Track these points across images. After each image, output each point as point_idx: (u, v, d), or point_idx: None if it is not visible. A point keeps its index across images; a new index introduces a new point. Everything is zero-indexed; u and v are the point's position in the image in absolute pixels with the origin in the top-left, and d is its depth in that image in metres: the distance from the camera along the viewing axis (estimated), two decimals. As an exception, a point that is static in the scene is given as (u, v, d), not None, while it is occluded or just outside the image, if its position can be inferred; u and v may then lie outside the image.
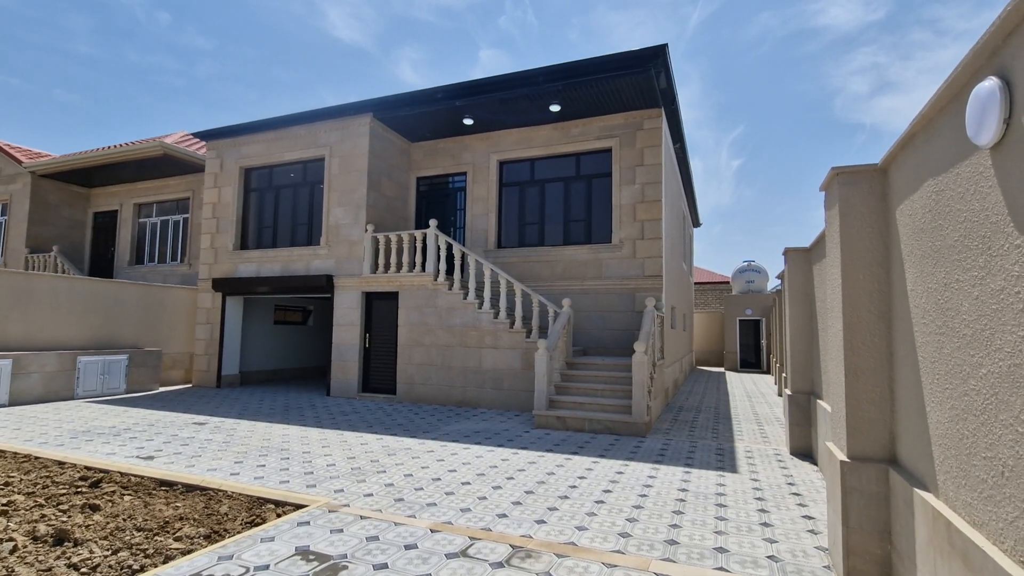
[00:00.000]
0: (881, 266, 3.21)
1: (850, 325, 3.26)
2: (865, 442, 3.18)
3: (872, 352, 3.20)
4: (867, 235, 3.25)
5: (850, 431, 3.21)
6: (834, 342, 3.51)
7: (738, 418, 9.29)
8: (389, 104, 11.20)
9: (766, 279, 22.02)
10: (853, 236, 3.29)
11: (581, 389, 8.56)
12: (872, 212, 3.26)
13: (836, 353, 3.45)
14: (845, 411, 3.24)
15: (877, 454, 3.16)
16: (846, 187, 3.33)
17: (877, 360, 3.19)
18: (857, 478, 3.14)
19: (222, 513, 4.38)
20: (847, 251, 3.29)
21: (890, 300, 3.16)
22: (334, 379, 11.22)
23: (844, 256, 3.30)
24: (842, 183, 3.34)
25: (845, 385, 3.25)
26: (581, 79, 9.65)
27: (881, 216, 3.24)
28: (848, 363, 3.24)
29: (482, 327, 10.03)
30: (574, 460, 6.08)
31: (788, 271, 6.73)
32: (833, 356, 3.54)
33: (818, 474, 5.64)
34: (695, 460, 6.17)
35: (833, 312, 3.54)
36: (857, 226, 3.28)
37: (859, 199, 3.29)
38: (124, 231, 17.02)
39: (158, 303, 12.59)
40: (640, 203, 10.72)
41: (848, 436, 3.21)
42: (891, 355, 3.15)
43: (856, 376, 3.22)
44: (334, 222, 11.60)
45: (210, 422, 8.11)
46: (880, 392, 3.17)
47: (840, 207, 3.34)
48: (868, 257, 3.25)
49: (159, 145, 13.86)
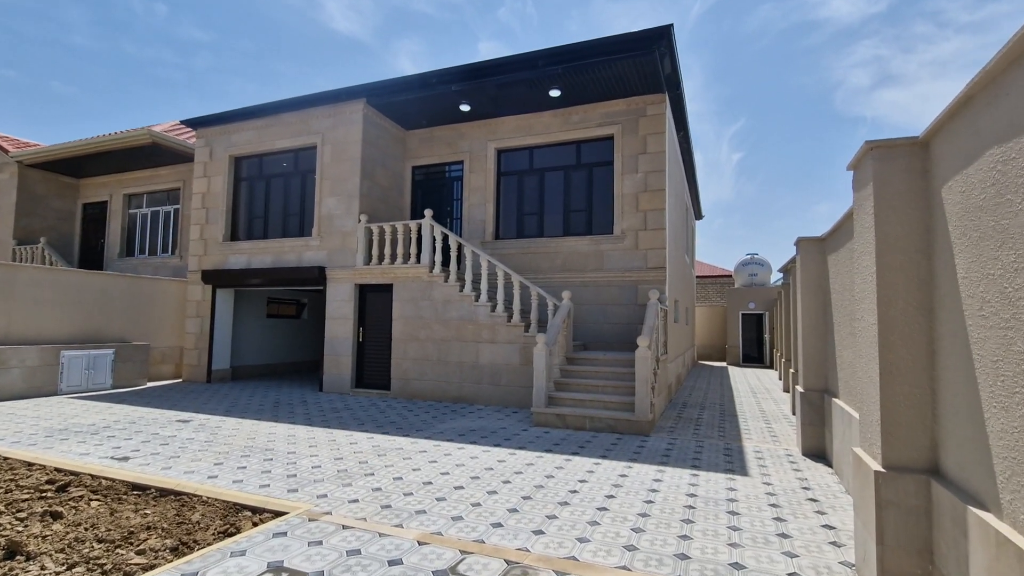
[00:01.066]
0: (921, 252, 2.85)
1: (886, 319, 2.90)
2: (903, 450, 2.83)
3: (911, 349, 2.85)
4: (906, 217, 2.89)
5: (885, 437, 2.86)
6: (865, 338, 3.16)
7: (744, 415, 8.96)
8: (383, 89, 10.79)
9: (769, 272, 21.66)
10: (890, 219, 2.93)
11: (582, 385, 8.22)
12: (911, 191, 2.89)
13: (868, 350, 3.10)
14: (880, 415, 2.89)
15: (916, 463, 2.81)
16: (882, 163, 2.97)
17: (916, 358, 2.83)
18: (894, 490, 2.80)
19: (194, 522, 4.04)
20: (883, 236, 2.93)
21: (932, 290, 2.81)
22: (327, 374, 10.88)
23: (879, 242, 2.94)
24: (877, 159, 2.98)
25: (880, 386, 2.90)
26: (582, 62, 9.25)
27: (921, 196, 2.87)
28: (883, 361, 2.89)
29: (479, 321, 9.67)
30: (574, 461, 5.74)
31: (801, 262, 6.37)
32: (864, 353, 3.19)
33: (833, 477, 5.31)
34: (702, 461, 5.84)
35: (864, 304, 3.18)
36: (894, 207, 2.92)
37: (897, 177, 2.93)
38: (114, 222, 16.62)
39: (146, 296, 12.23)
40: (643, 192, 10.34)
41: (883, 443, 2.87)
42: (933, 352, 2.80)
43: (892, 376, 2.87)
44: (326, 212, 11.22)
45: (195, 419, 7.77)
46: (920, 394, 2.82)
47: (875, 187, 2.98)
48: (907, 242, 2.89)
49: (147, 133, 13.44)
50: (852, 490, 3.38)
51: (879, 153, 2.97)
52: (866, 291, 3.14)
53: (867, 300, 3.12)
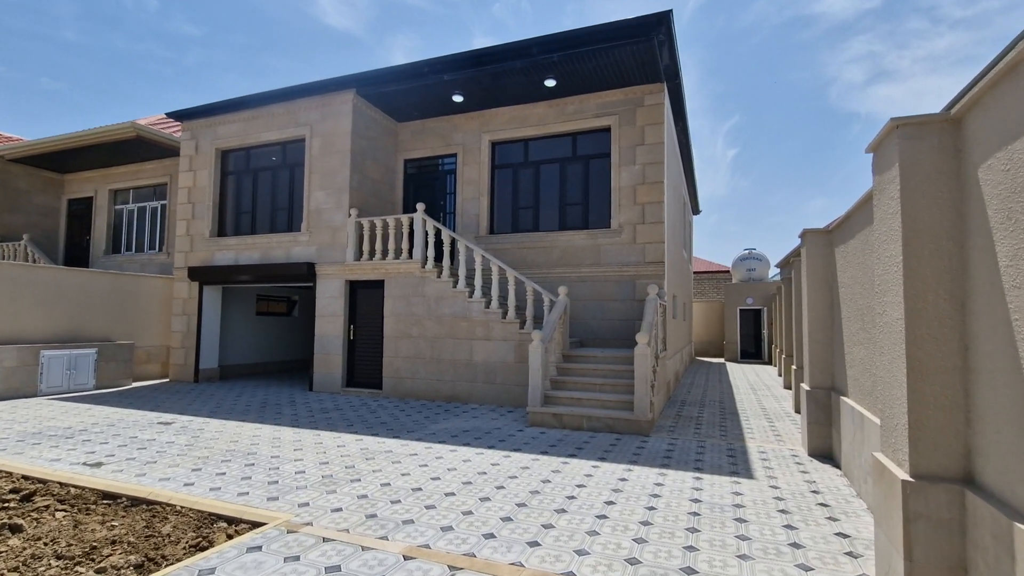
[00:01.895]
0: (953, 239, 2.59)
1: (913, 313, 2.65)
2: (933, 457, 2.58)
3: (942, 346, 2.59)
4: (936, 201, 2.63)
5: (914, 443, 2.61)
6: (888, 334, 2.90)
7: (745, 413, 8.72)
8: (373, 79, 10.47)
9: (767, 267, 21.46)
10: (918, 203, 2.66)
11: (579, 384, 7.96)
12: (942, 173, 2.63)
13: (892, 347, 2.84)
14: (907, 418, 2.63)
15: (949, 472, 2.56)
16: (910, 143, 2.70)
17: (948, 355, 2.58)
18: (924, 502, 2.54)
19: (164, 534, 3.76)
20: (910, 222, 2.67)
21: (965, 281, 2.55)
22: (317, 373, 10.59)
23: (907, 228, 2.68)
24: (904, 138, 2.71)
25: (907, 386, 2.64)
26: (578, 50, 8.95)
27: (954, 177, 2.61)
28: (911, 360, 2.63)
29: (473, 317, 9.39)
30: (572, 464, 5.48)
31: (807, 256, 6.12)
32: (887, 350, 2.93)
33: (843, 479, 5.07)
34: (705, 463, 5.59)
35: (888, 297, 2.92)
36: (923, 191, 2.66)
37: (926, 157, 2.66)
38: (100, 218, 16.22)
39: (131, 293, 11.89)
40: (641, 185, 10.07)
41: (911, 449, 2.61)
42: (966, 349, 2.54)
43: (921, 375, 2.62)
44: (315, 206, 10.90)
45: (177, 421, 7.47)
46: (951, 395, 2.57)
47: (901, 168, 2.71)
48: (937, 229, 2.62)
49: (132, 127, 13.06)
50: (873, 499, 3.13)
51: (907, 131, 2.71)
52: (890, 283, 2.88)
53: (891, 292, 2.86)
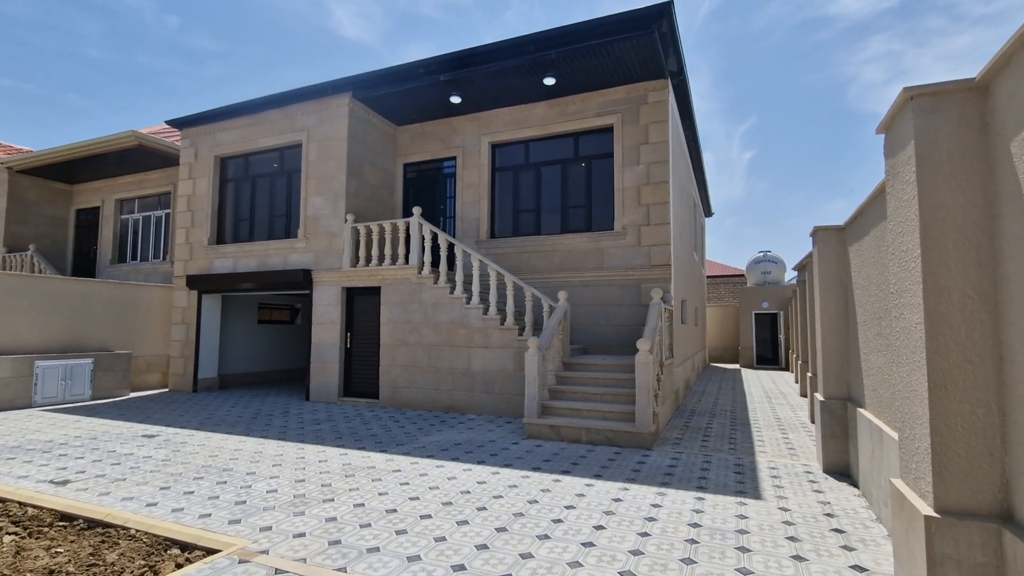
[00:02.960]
0: (981, 228, 2.19)
1: (935, 316, 2.24)
2: (963, 488, 2.16)
3: (970, 354, 2.18)
4: (960, 184, 2.23)
5: (939, 471, 2.20)
6: (906, 340, 2.50)
7: (758, 424, 8.24)
8: (368, 82, 10.25)
9: (783, 270, 20.81)
10: (938, 187, 2.27)
11: (578, 393, 7.56)
12: (966, 150, 2.23)
13: (911, 355, 2.43)
14: (930, 440, 2.23)
15: (982, 506, 2.14)
16: (926, 117, 2.31)
17: (978, 366, 2.17)
18: (952, 542, 2.13)
19: (108, 563, 3.46)
20: (930, 210, 2.27)
21: (998, 278, 2.14)
22: (313, 382, 10.33)
23: (925, 217, 2.28)
24: (920, 111, 2.32)
25: (928, 402, 2.23)
26: (577, 46, 8.62)
27: (980, 155, 2.21)
28: (933, 371, 2.23)
29: (471, 324, 9.06)
30: (564, 482, 5.10)
31: (818, 255, 5.68)
32: (905, 359, 2.52)
33: (860, 500, 4.61)
34: (709, 481, 5.16)
35: (905, 298, 2.52)
36: (944, 172, 2.26)
37: (946, 132, 2.27)
38: (106, 228, 16.27)
39: (130, 303, 11.79)
40: (645, 185, 9.68)
41: (936, 478, 2.20)
42: (1000, 359, 2.13)
43: (946, 390, 2.21)
44: (312, 212, 10.69)
45: (162, 434, 7.24)
46: (983, 413, 2.16)
47: (917, 146, 2.32)
48: (962, 216, 2.22)
49: (132, 135, 13.04)
50: (892, 532, 2.71)
51: (923, 104, 2.31)
52: (907, 281, 2.48)
53: (908, 293, 2.45)
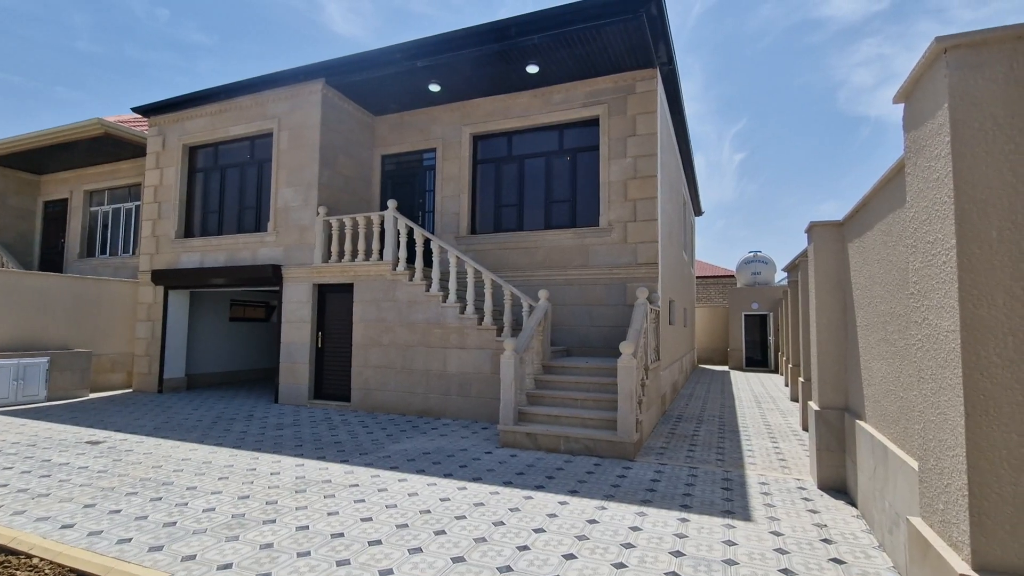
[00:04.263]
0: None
1: (974, 324, 1.79)
2: (1010, 543, 1.72)
3: (1020, 372, 1.73)
4: (1009, 158, 1.78)
5: (977, 519, 1.75)
6: (931, 351, 2.05)
7: (747, 431, 7.83)
8: (343, 67, 9.71)
9: (773, 271, 20.49)
10: (979, 161, 1.81)
11: (558, 398, 7.10)
12: (1018, 116, 1.78)
13: (938, 371, 1.98)
14: (967, 479, 1.77)
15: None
16: (966, 74, 1.85)
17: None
18: (996, 610, 1.68)
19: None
20: (968, 189, 1.82)
21: (1055, 276, 1.69)
22: (283, 384, 9.79)
23: (962, 198, 1.83)
24: (957, 67, 1.87)
25: (966, 431, 1.78)
26: (560, 31, 8.15)
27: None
28: (971, 392, 1.78)
29: (447, 324, 8.57)
30: (536, 500, 4.63)
31: (815, 253, 5.25)
32: (930, 375, 2.07)
33: (860, 522, 4.18)
34: (695, 498, 4.71)
35: (931, 299, 2.07)
36: (988, 143, 1.81)
37: (991, 93, 1.81)
38: (74, 220, 15.58)
39: (93, 298, 11.17)
40: (632, 179, 9.23)
41: (974, 528, 1.75)
42: (1057, 378, 1.68)
43: (988, 416, 1.76)
44: (283, 204, 10.14)
45: (108, 440, 6.69)
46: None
47: (952, 111, 1.86)
48: (1011, 199, 1.77)
49: (99, 123, 12.39)
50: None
51: (961, 57, 1.86)
52: (935, 279, 2.03)
53: (937, 293, 2.00)
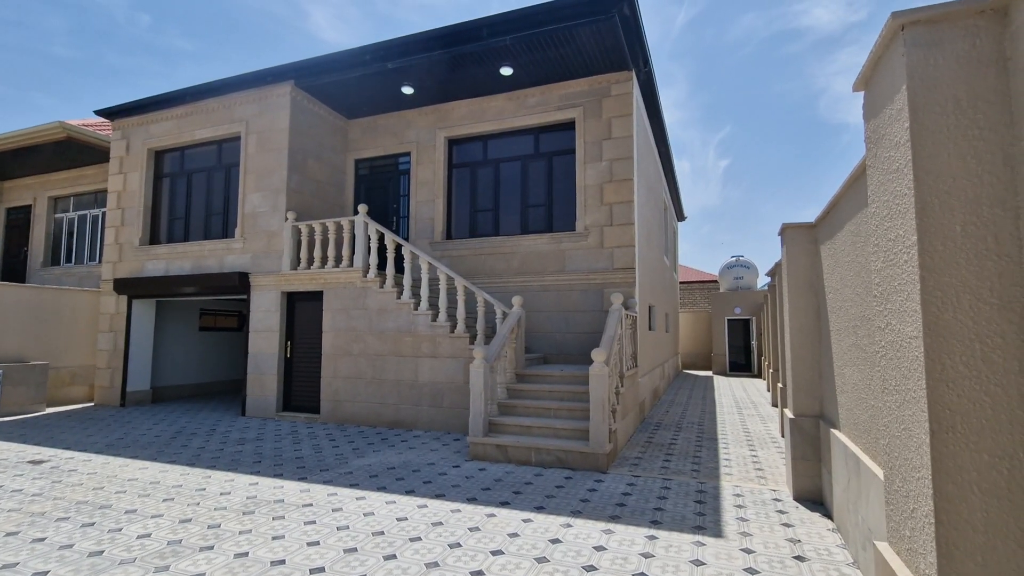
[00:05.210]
0: (1002, 204, 1.56)
1: (938, 329, 1.61)
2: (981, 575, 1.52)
3: (989, 383, 1.55)
4: (972, 143, 1.60)
5: (945, 549, 1.55)
6: (895, 360, 1.86)
7: (726, 439, 7.66)
8: (312, 69, 9.47)
9: (756, 275, 20.51)
10: (941, 147, 1.63)
11: (531, 408, 6.87)
12: (980, 98, 1.60)
13: (902, 382, 1.79)
14: (933, 505, 1.58)
15: (1010, 603, 1.50)
16: (925, 52, 1.67)
17: (1004, 402, 1.54)
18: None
19: None
20: (929, 179, 1.64)
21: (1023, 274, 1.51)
22: (250, 396, 9.44)
23: (922, 189, 1.64)
24: (915, 45, 1.68)
25: (931, 450, 1.59)
26: (533, 31, 7.99)
27: (999, 104, 1.59)
28: (936, 405, 1.59)
29: (419, 332, 8.31)
30: (499, 518, 4.38)
31: (787, 255, 5.11)
32: (894, 386, 1.88)
33: (835, 536, 4.00)
34: (666, 513, 4.50)
35: (894, 302, 1.88)
36: (949, 127, 1.63)
37: (952, 73, 1.64)
38: (38, 228, 15.06)
39: (51, 309, 10.74)
40: (608, 183, 9.08)
41: (942, 559, 1.55)
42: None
43: (954, 432, 1.57)
44: (250, 210, 9.83)
45: (54, 459, 6.32)
46: (1008, 468, 1.52)
47: (911, 93, 1.68)
48: (975, 189, 1.59)
49: (60, 127, 11.98)
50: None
51: (919, 34, 1.68)
52: (896, 280, 1.84)
53: (899, 296, 1.82)
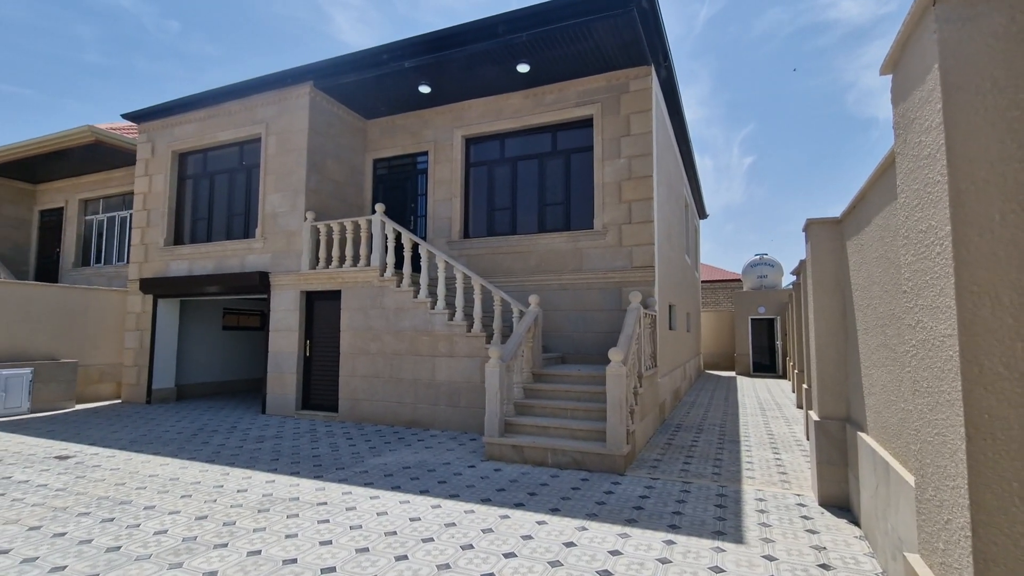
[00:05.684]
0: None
1: (975, 327, 1.49)
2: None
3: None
4: (1011, 125, 1.48)
5: (983, 565, 1.43)
6: (927, 360, 1.73)
7: (748, 441, 7.46)
8: (330, 69, 9.53)
9: (780, 274, 20.05)
10: (978, 130, 1.51)
11: (547, 408, 6.79)
12: (1021, 76, 1.48)
13: (935, 383, 1.67)
14: (969, 517, 1.46)
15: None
16: (958, 28, 1.55)
17: None
18: None
19: None
20: (965, 165, 1.52)
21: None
22: (270, 394, 9.54)
23: (957, 175, 1.52)
24: (947, 20, 1.56)
25: (967, 458, 1.47)
26: (550, 27, 7.90)
27: (1043, 83, 1.46)
28: (973, 411, 1.47)
29: (435, 331, 8.30)
30: (513, 519, 4.32)
31: (812, 251, 4.93)
32: (925, 387, 1.76)
33: (862, 543, 3.83)
34: (685, 517, 4.38)
35: (926, 298, 1.76)
36: (987, 107, 1.51)
37: (989, 49, 1.51)
38: (69, 230, 15.51)
39: (80, 308, 11.02)
40: (627, 180, 8.93)
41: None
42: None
43: (994, 441, 1.44)
44: (270, 210, 9.94)
45: (78, 455, 6.46)
46: None
47: (943, 73, 1.56)
48: (1017, 175, 1.47)
49: (89, 130, 12.30)
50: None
51: (952, 8, 1.55)
52: (928, 274, 1.72)
53: (931, 291, 1.69)
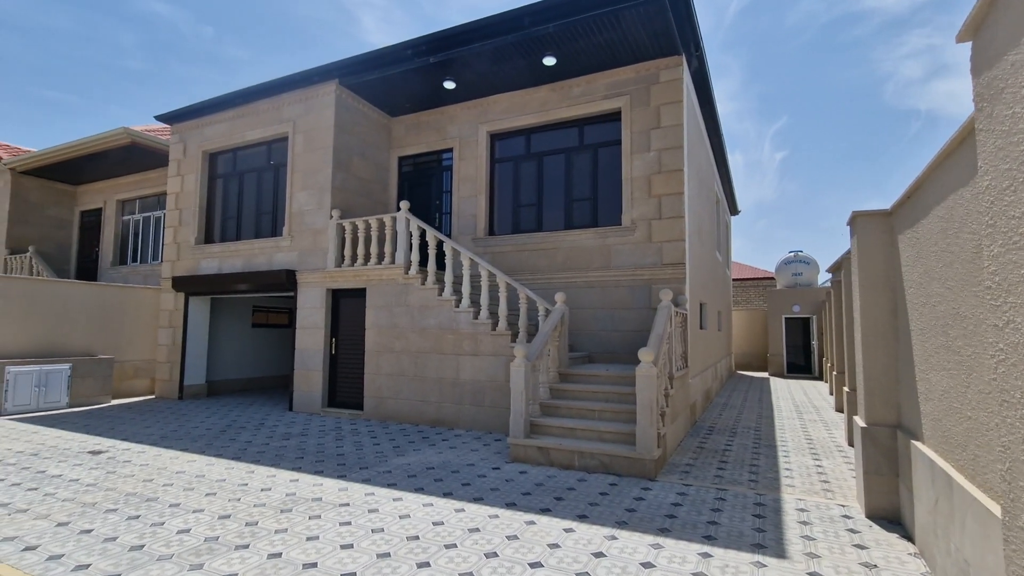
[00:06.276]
0: None
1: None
2: None
3: None
4: None
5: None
6: (1019, 366, 1.50)
7: (786, 445, 7.13)
8: (354, 66, 9.50)
9: (816, 271, 19.36)
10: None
11: (574, 409, 6.60)
12: None
13: None
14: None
15: None
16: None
17: None
18: None
19: (-81, 641, 2.68)
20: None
21: None
22: (297, 391, 9.59)
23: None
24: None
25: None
26: (576, 17, 7.68)
27: None
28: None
29: (460, 329, 8.18)
30: (539, 526, 4.15)
31: (859, 246, 4.62)
32: (1020, 400, 1.52)
33: (917, 562, 3.54)
34: (721, 528, 4.14)
35: (1020, 293, 1.52)
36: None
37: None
38: (108, 229, 15.98)
39: (116, 305, 11.28)
40: (656, 174, 8.65)
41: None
42: None
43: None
44: (297, 208, 9.98)
45: (111, 450, 6.55)
46: None
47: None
48: None
49: (124, 132, 12.62)
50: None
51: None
52: (1021, 267, 1.48)
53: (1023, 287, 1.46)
